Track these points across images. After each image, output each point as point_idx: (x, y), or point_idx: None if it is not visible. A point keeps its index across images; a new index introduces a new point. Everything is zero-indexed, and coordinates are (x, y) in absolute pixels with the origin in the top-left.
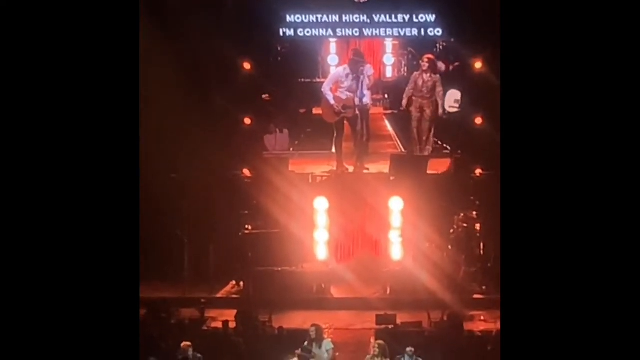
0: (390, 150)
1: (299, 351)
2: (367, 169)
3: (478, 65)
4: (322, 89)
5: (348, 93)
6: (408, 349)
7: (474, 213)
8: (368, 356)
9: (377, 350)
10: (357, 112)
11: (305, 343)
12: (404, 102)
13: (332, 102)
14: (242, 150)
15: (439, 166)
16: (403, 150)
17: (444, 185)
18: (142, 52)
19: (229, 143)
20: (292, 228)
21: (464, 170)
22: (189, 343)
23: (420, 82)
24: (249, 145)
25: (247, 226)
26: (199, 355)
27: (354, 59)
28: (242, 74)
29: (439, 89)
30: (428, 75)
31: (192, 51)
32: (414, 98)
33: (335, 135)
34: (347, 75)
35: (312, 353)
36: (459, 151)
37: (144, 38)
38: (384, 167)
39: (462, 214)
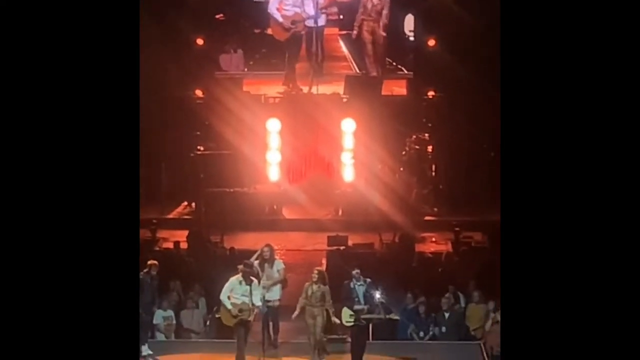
0: (345, 71)
1: (241, 266)
2: (325, 91)
3: None
4: (269, 9)
5: (295, 8)
6: (354, 272)
7: (426, 135)
8: (307, 283)
9: (317, 276)
10: (305, 26)
11: (252, 259)
12: (355, 30)
13: (280, 19)
14: (195, 70)
15: (393, 88)
16: (358, 71)
17: (397, 107)
18: None
19: (181, 63)
20: (245, 149)
21: (416, 92)
22: (155, 262)
23: (369, 5)
24: (202, 65)
25: (199, 147)
26: (157, 276)
27: None
28: None
29: (386, 11)
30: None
31: None
32: (364, 22)
33: (287, 54)
34: None
35: (255, 268)
36: (412, 72)
37: None
38: (338, 88)
39: (414, 136)
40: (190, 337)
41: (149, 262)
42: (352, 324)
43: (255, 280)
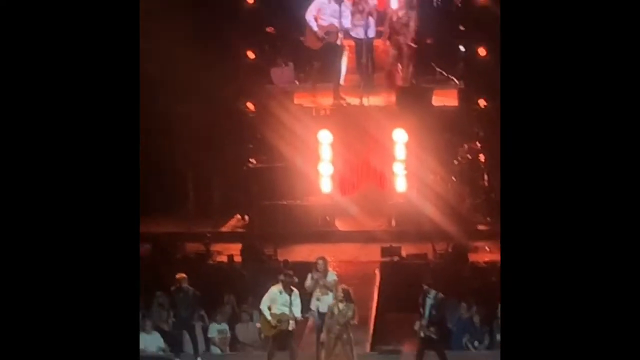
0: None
1: (281, 276)
2: (377, 102)
3: None
4: (306, 16)
5: (332, 19)
6: (424, 286)
7: (478, 144)
8: (332, 302)
9: (342, 295)
10: (339, 37)
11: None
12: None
13: (315, 29)
14: (246, 83)
15: (444, 98)
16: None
17: (448, 117)
18: None
19: (233, 76)
20: (297, 161)
21: (467, 101)
22: (183, 275)
23: (394, 18)
24: (254, 78)
25: (251, 160)
26: (194, 290)
27: None
28: (245, 8)
29: (412, 24)
30: (404, 11)
31: None
32: (391, 35)
33: (316, 63)
34: (328, 2)
35: (294, 278)
36: (463, 82)
37: None
38: (389, 99)
39: (466, 146)
40: (245, 350)
41: (177, 276)
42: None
43: (295, 291)
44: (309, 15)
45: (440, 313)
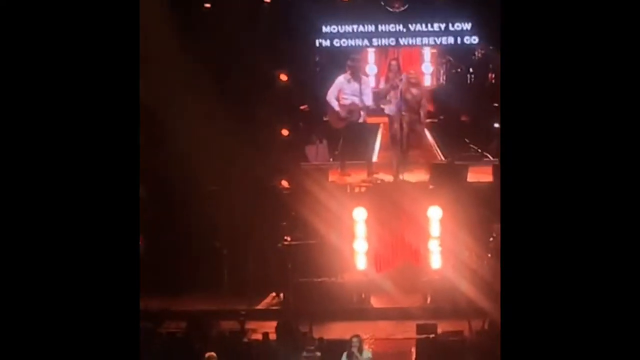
0: (430, 159)
1: (304, 353)
2: (411, 179)
3: None
4: (327, 98)
5: (353, 97)
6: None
7: None
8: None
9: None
10: (361, 114)
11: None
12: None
13: (337, 108)
14: (281, 161)
15: (479, 175)
16: (443, 158)
17: (483, 194)
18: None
19: (267, 154)
20: (332, 238)
21: (498, 178)
22: (213, 354)
23: (409, 97)
24: (287, 156)
25: (286, 237)
26: None
27: (353, 65)
28: (279, 86)
29: (424, 101)
30: (416, 89)
31: (231, 62)
32: (405, 114)
33: (341, 141)
34: (348, 81)
35: (316, 353)
36: (497, 159)
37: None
38: (423, 176)
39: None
40: None
41: (207, 355)
42: None
43: None
44: (330, 96)
45: None
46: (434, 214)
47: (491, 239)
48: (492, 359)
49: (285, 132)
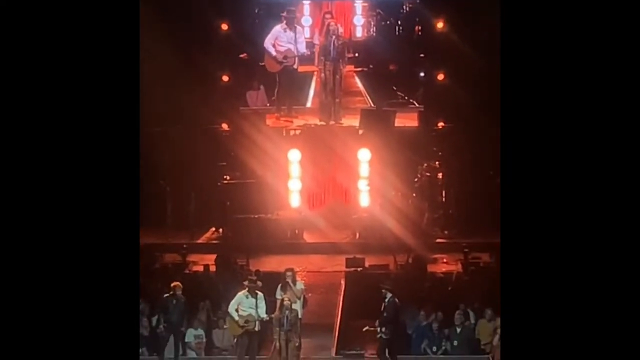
0: (360, 105)
1: (246, 281)
2: (341, 123)
3: (440, 25)
4: (264, 44)
5: (288, 45)
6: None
7: (437, 163)
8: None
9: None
10: (295, 60)
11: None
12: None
13: (273, 54)
14: (221, 105)
15: (405, 120)
16: (372, 105)
17: (409, 138)
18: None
19: (209, 99)
20: (268, 178)
21: (427, 123)
22: (179, 283)
23: (334, 47)
24: (227, 100)
25: (225, 176)
26: (183, 296)
27: (288, 16)
28: (220, 35)
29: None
30: (340, 41)
31: (177, 13)
32: (326, 63)
33: (278, 86)
34: (284, 30)
35: (257, 283)
36: (422, 106)
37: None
38: (354, 121)
39: (425, 164)
40: (220, 354)
41: (173, 284)
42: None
43: (260, 294)
44: (267, 43)
45: (392, 315)
46: (363, 156)
47: (416, 179)
48: (415, 290)
49: (225, 78)
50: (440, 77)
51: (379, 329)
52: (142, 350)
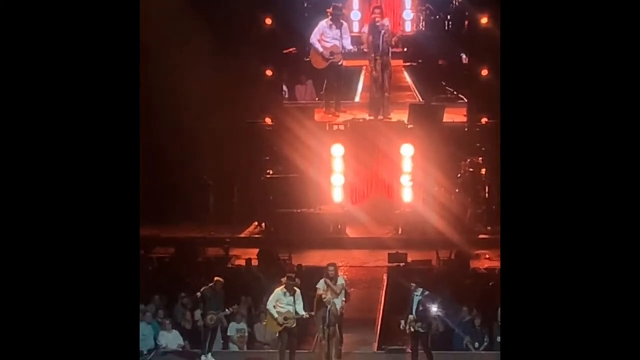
0: (409, 100)
1: (284, 279)
2: (390, 118)
3: (484, 20)
4: (310, 40)
5: (334, 41)
6: (411, 285)
7: (480, 159)
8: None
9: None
10: (342, 57)
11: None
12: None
13: (320, 50)
14: (265, 100)
15: (453, 115)
16: (421, 100)
17: (453, 133)
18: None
19: (252, 93)
20: (311, 173)
21: (472, 118)
22: (220, 279)
23: (382, 42)
24: (272, 95)
25: (268, 171)
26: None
27: (334, 12)
28: (264, 29)
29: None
30: (387, 35)
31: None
32: (377, 59)
33: (325, 81)
34: (330, 26)
35: (296, 280)
36: (466, 100)
37: None
38: (402, 116)
39: (468, 160)
40: (262, 348)
41: (215, 279)
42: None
43: (297, 291)
44: (313, 39)
45: (425, 308)
46: (407, 151)
47: (459, 175)
48: (458, 286)
49: (269, 73)
50: (485, 72)
51: (414, 324)
52: (185, 343)
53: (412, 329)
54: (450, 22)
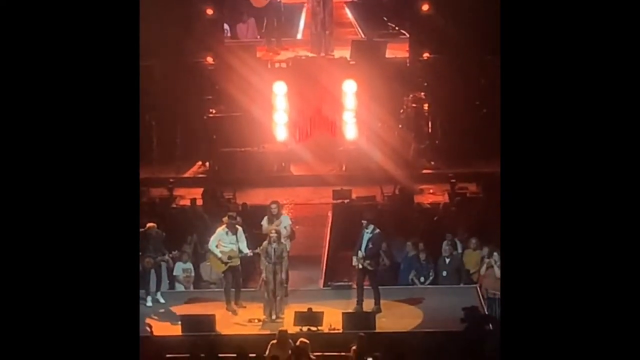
0: (351, 37)
1: (225, 218)
2: (332, 54)
3: None
4: None
5: None
6: (363, 221)
7: (422, 94)
8: (265, 243)
9: (275, 236)
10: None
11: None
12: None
13: None
14: (205, 38)
15: (395, 51)
16: (363, 36)
17: (395, 69)
18: None
19: (192, 32)
20: (253, 111)
21: (414, 54)
22: (153, 224)
23: None
24: (212, 33)
25: (211, 110)
26: (161, 232)
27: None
28: None
29: None
30: None
31: None
32: None
33: (266, 19)
34: None
35: (237, 218)
36: (408, 35)
37: None
38: (345, 52)
39: (411, 95)
40: (208, 288)
41: (148, 225)
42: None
43: (240, 229)
44: None
45: (375, 246)
46: (349, 87)
47: (402, 110)
48: (402, 221)
49: (209, 12)
50: (426, 7)
51: (362, 260)
52: None
53: (360, 266)
54: None
